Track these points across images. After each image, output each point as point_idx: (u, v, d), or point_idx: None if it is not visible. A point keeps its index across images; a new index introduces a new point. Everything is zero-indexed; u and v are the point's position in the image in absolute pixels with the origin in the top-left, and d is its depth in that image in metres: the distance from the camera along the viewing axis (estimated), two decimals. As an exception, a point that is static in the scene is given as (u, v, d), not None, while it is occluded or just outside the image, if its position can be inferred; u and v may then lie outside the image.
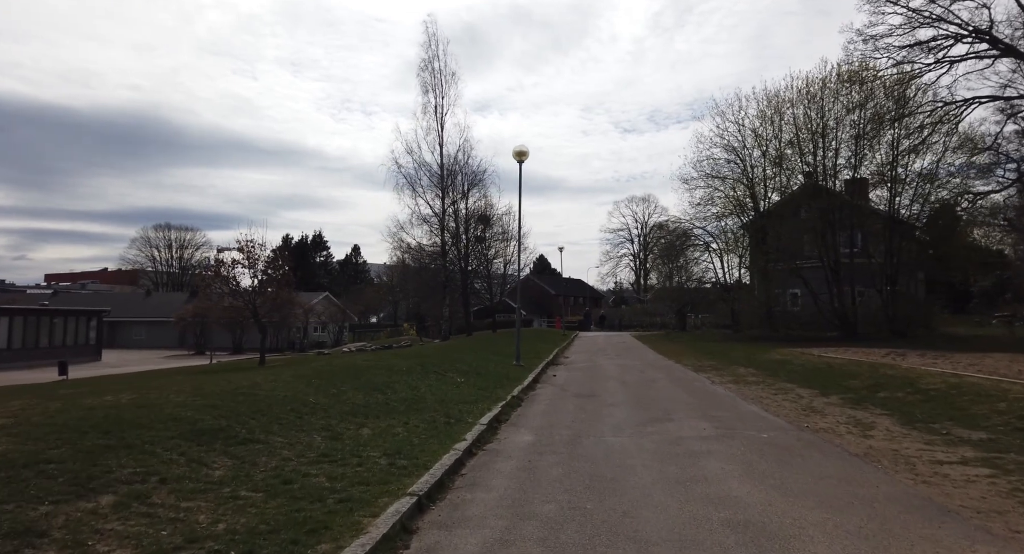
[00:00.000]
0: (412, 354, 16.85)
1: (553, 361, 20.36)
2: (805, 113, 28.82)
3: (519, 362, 17.32)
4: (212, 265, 26.70)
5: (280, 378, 9.82)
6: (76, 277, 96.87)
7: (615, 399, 11.41)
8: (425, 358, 15.53)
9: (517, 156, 17.63)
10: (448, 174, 36.17)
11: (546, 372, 16.72)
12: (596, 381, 14.54)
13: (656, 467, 6.28)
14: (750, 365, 17.29)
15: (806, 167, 29.65)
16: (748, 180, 31.63)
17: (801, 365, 16.15)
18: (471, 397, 10.68)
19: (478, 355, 18.91)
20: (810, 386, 12.62)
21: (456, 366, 14.88)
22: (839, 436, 7.90)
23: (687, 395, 11.85)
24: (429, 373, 12.94)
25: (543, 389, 13.16)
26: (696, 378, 14.90)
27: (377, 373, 11.72)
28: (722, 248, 34.58)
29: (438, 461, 6.08)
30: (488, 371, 14.99)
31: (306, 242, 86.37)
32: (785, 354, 19.24)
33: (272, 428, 6.77)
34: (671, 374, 15.92)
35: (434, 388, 11.29)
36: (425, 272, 39.97)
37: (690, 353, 22.82)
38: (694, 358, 20.55)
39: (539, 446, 7.36)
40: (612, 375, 15.81)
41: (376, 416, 8.25)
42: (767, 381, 13.79)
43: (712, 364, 18.26)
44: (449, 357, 16.76)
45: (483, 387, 12.14)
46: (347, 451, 6.28)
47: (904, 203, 27.12)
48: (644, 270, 71.53)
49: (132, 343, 54.90)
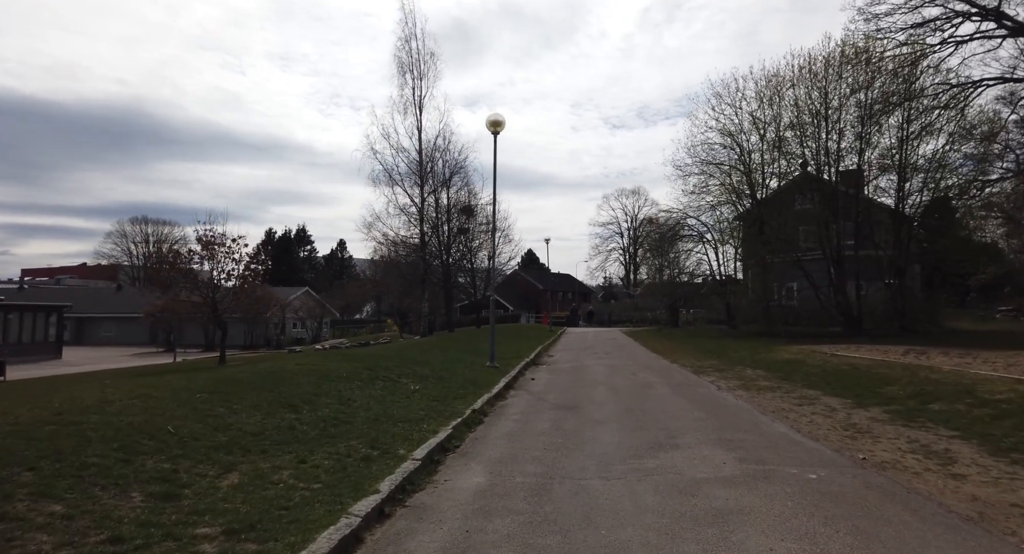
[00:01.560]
0: (367, 355, 14.34)
1: (534, 361, 17.93)
2: (807, 93, 26.49)
3: (493, 363, 14.87)
4: (168, 258, 24.07)
5: (156, 392, 7.28)
6: (54, 272, 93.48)
7: (603, 413, 8.98)
8: (380, 360, 13.02)
9: (491, 126, 15.15)
10: (428, 161, 33.61)
11: (523, 375, 14.28)
12: (581, 387, 12.11)
13: (666, 548, 3.85)
14: (757, 366, 14.94)
15: (807, 152, 27.35)
16: (745, 166, 29.28)
17: (818, 366, 13.80)
18: (419, 413, 8.21)
19: (448, 355, 16.45)
20: (838, 394, 10.25)
21: (416, 369, 12.40)
22: (917, 476, 5.51)
23: (693, 407, 9.44)
24: (376, 380, 10.46)
25: (516, 399, 10.72)
26: (699, 382, 12.50)
27: (304, 381, 9.20)
28: (717, 239, 32.22)
29: (312, 542, 3.63)
30: (454, 375, 12.54)
31: (289, 236, 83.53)
32: (794, 353, 16.91)
33: (58, 486, 4.24)
34: (669, 377, 13.52)
35: (375, 401, 8.81)
36: (405, 265, 37.42)
37: (686, 351, 20.47)
38: (692, 357, 18.19)
39: (490, 498, 4.93)
40: (600, 379, 13.39)
41: (263, 450, 5.76)
42: (783, 387, 11.42)
43: (713, 364, 15.90)
44: (412, 357, 14.28)
45: (440, 397, 9.68)
46: (166, 525, 3.80)
47: (913, 189, 24.85)
48: (634, 264, 69.17)
49: (101, 340, 51.99)
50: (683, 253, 33.92)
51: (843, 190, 26.05)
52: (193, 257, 27.04)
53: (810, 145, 26.97)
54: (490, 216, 40.72)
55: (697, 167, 30.26)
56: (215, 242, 28.13)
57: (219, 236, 28.16)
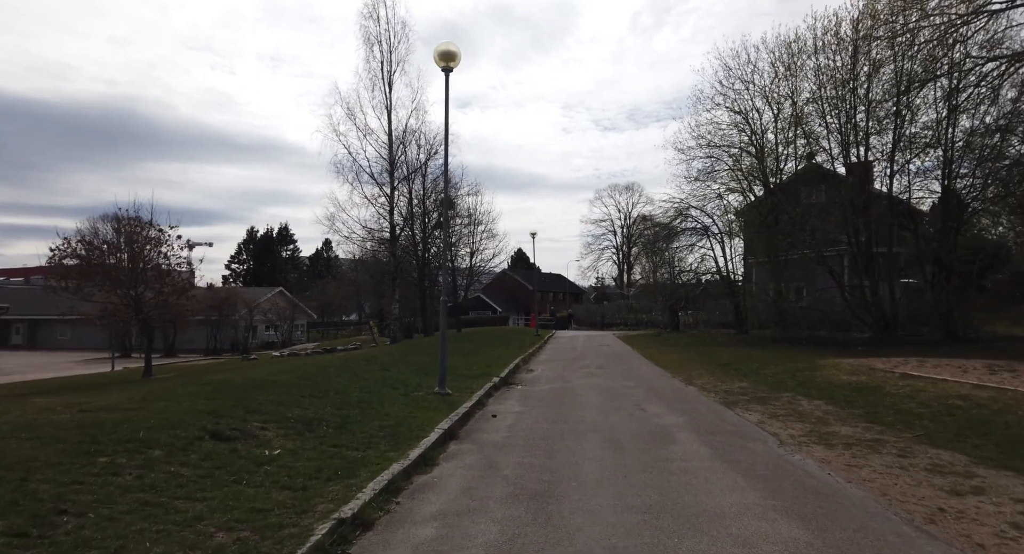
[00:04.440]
0: (248, 383, 9.68)
1: (506, 380, 13.45)
2: (832, 60, 22.19)
3: (444, 389, 10.37)
4: (63, 247, 19.44)
5: None
6: (30, 272, 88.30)
7: (599, 515, 4.53)
8: (260, 389, 8.44)
9: (441, 60, 10.70)
10: (399, 144, 29.12)
11: (484, 406, 9.80)
12: (562, 437, 7.63)
13: None
14: (810, 392, 10.51)
15: (831, 130, 23.01)
16: (758, 149, 24.94)
17: (909, 397, 9.30)
18: (213, 541, 3.74)
19: (388, 374, 11.93)
20: (1009, 465, 5.85)
21: (311, 406, 7.90)
22: None
23: (764, 501, 4.96)
24: (204, 439, 5.95)
25: (453, 464, 6.24)
26: (743, 428, 8.03)
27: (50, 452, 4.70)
28: (724, 232, 27.82)
29: None
30: (371, 414, 8.05)
31: (271, 235, 78.87)
32: (848, 370, 12.48)
33: None
34: (692, 414, 9.05)
35: (136, 513, 4.34)
36: (373, 263, 32.91)
37: (699, 364, 16.05)
38: (709, 374, 13.78)
39: None
40: (591, 418, 8.91)
41: None
42: (886, 441, 6.97)
43: (745, 387, 11.49)
44: (326, 380, 9.77)
45: (310, 473, 5.21)
46: None
47: (963, 171, 20.50)
48: (627, 264, 64.78)
49: (56, 344, 47.33)
50: (684, 248, 29.43)
51: (873, 171, 21.81)
52: (110, 251, 22.47)
53: (834, 121, 22.65)
54: (473, 208, 36.28)
55: (703, 150, 25.91)
56: (142, 235, 23.55)
57: (145, 228, 23.62)
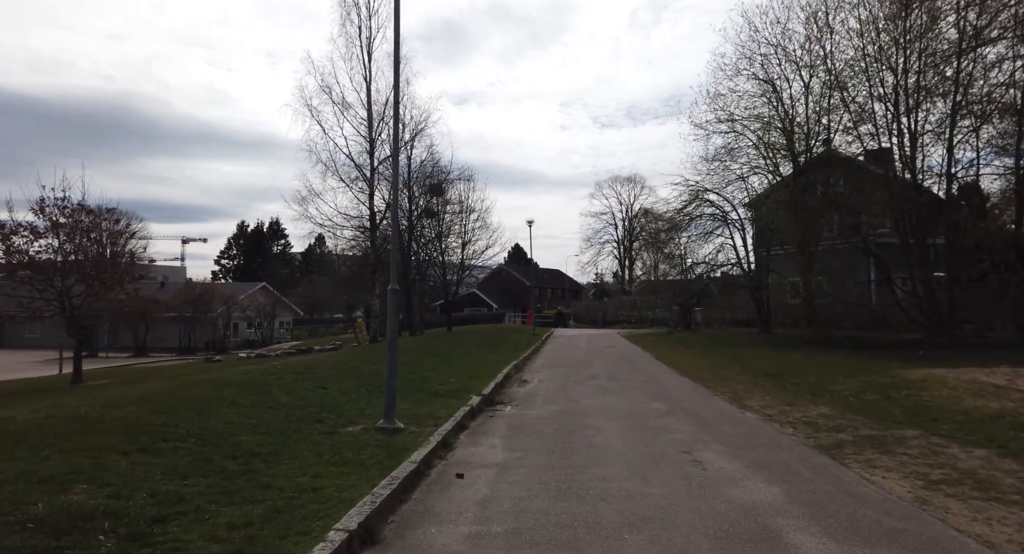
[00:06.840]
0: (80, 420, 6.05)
1: (492, 396, 9.84)
2: (877, 11, 18.61)
3: (389, 422, 6.74)
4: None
5: None
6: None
7: None
8: (109, 431, 4.84)
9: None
10: (379, 120, 25.39)
11: (442, 462, 6.09)
12: (575, 543, 4.01)
13: None
14: (946, 428, 6.89)
15: (874, 97, 19.44)
16: (788, 121, 21.37)
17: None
18: None
19: (318, 396, 8.31)
20: None
21: (112, 480, 4.30)
22: None
23: None
24: None
25: None
26: (906, 516, 4.42)
27: None
28: (744, 218, 24.19)
29: None
30: (231, 491, 4.42)
31: (262, 230, 75.20)
32: (969, 388, 8.88)
33: None
34: (793, 480, 5.38)
35: None
36: (351, 254, 29.24)
37: (737, 373, 12.44)
38: (763, 390, 10.15)
39: None
40: (620, 487, 5.24)
41: None
42: None
43: (828, 415, 7.88)
44: (207, 407, 6.19)
45: None
46: None
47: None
48: (629, 259, 61.14)
49: (25, 342, 43.68)
50: (699, 238, 25.65)
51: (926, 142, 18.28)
52: (29, 234, 18.99)
53: (881, 86, 19.08)
54: (464, 195, 32.53)
55: (724, 124, 22.30)
56: (72, 220, 20.17)
57: (77, 212, 20.20)
